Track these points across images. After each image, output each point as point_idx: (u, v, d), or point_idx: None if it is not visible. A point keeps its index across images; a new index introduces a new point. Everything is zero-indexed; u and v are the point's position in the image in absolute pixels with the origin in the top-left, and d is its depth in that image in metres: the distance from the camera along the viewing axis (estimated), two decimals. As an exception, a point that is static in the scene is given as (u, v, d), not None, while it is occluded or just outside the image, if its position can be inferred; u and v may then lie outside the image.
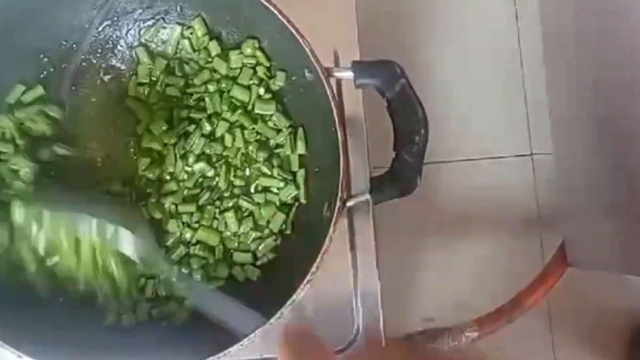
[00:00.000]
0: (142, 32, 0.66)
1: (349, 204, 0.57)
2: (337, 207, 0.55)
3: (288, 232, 0.64)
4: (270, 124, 0.65)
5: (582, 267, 0.83)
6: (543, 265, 0.93)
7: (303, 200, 0.64)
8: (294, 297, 0.54)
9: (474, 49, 1.25)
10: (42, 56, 0.64)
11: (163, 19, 0.66)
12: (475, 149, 1.25)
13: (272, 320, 0.54)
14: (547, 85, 0.84)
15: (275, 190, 0.64)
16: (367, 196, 0.57)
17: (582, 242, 0.82)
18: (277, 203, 0.64)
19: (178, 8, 0.65)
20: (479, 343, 0.82)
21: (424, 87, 0.59)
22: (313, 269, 0.54)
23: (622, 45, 0.69)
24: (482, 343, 0.83)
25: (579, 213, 0.82)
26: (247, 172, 0.65)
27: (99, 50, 0.66)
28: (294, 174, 0.64)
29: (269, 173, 0.64)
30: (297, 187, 0.64)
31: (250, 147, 0.65)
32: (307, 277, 0.54)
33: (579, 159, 0.80)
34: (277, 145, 0.65)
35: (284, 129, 0.64)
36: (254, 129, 0.65)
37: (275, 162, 0.64)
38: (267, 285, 0.62)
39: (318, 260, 0.54)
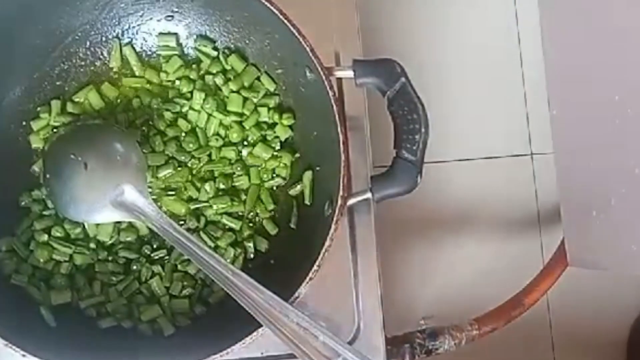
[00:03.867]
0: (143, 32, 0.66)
1: (350, 202, 0.57)
2: (338, 205, 0.55)
3: (292, 226, 0.64)
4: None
5: (581, 266, 0.83)
6: (543, 265, 0.94)
7: (308, 202, 0.63)
8: (295, 295, 0.54)
9: (473, 49, 1.25)
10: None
11: (165, 18, 0.66)
12: (475, 149, 1.25)
13: (274, 318, 0.54)
14: (547, 85, 0.84)
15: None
16: (368, 195, 0.57)
17: (582, 241, 0.82)
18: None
19: (179, 8, 0.65)
20: (478, 342, 0.82)
21: (424, 87, 0.59)
22: (314, 267, 0.54)
23: (623, 44, 0.69)
24: (482, 342, 0.83)
25: (579, 213, 0.82)
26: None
27: (100, 51, 0.66)
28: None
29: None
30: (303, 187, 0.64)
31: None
32: (308, 276, 0.54)
33: (579, 158, 0.80)
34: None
35: None
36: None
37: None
38: (268, 285, 0.62)
39: (319, 259, 0.54)
